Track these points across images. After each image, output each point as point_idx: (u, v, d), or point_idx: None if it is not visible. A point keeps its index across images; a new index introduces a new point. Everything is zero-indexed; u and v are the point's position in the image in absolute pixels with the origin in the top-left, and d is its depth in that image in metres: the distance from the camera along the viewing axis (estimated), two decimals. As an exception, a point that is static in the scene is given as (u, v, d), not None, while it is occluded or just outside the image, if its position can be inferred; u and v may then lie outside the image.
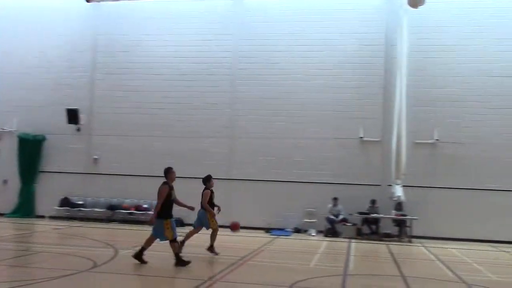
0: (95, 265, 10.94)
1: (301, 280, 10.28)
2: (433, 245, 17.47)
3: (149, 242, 11.48)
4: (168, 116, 21.81)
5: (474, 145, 19.77)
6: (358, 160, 20.51)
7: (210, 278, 10.05)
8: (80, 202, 21.88)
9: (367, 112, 20.57)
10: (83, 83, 22.71)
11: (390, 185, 19.70)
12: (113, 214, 21.46)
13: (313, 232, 19.69)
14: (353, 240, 18.32)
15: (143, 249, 11.42)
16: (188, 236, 13.21)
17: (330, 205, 19.88)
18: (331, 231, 19.50)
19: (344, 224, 19.49)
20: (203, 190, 13.33)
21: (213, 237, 13.10)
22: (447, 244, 17.79)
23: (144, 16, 22.55)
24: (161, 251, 11.99)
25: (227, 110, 21.65)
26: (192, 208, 12.24)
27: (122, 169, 21.86)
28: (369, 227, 19.60)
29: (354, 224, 19.49)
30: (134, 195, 21.67)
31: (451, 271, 12.45)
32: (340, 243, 17.49)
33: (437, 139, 19.98)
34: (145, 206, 21.27)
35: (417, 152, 20.04)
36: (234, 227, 14.89)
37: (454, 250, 16.60)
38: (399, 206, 19.46)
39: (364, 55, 20.73)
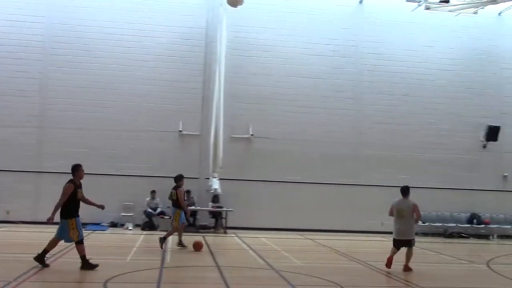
0: None
1: (117, 275, 10.01)
2: (246, 235, 18.31)
3: (52, 244, 10.65)
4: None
5: (284, 140, 21.13)
6: (177, 153, 20.63)
7: (16, 279, 9.28)
8: None
9: (187, 106, 20.79)
10: None
11: (207, 178, 20.18)
12: None
13: (130, 226, 19.34)
14: (170, 233, 18.36)
15: (45, 251, 10.57)
16: (179, 233, 14.71)
17: (148, 198, 19.71)
18: (149, 225, 19.35)
19: (162, 217, 19.47)
20: (176, 189, 14.22)
21: (179, 232, 14.67)
22: (259, 234, 18.79)
23: None
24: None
25: (37, 98, 20.16)
26: (102, 207, 11.37)
27: None
28: (186, 219, 19.80)
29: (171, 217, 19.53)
30: None
31: (262, 259, 13.17)
32: (158, 237, 17.36)
33: (252, 134, 20.95)
34: None
35: (234, 146, 20.82)
36: (198, 246, 14.25)
37: (265, 239, 17.60)
38: (215, 198, 20.03)
39: (185, 49, 20.90)
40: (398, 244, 11.87)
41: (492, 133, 21.89)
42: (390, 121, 21.80)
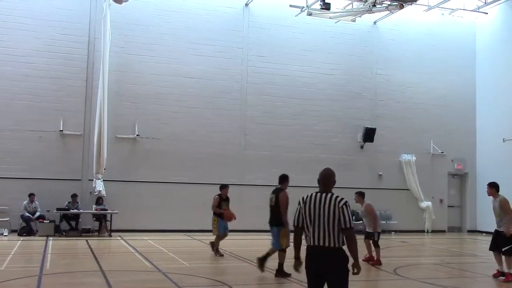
0: None
1: (-9, 285, 9.40)
2: (132, 238, 17.93)
3: (271, 253, 11.24)
4: None
5: (170, 141, 20.95)
6: (58, 154, 19.71)
7: None
8: None
9: (69, 105, 19.92)
10: None
11: (91, 180, 19.51)
12: None
13: (5, 232, 18.12)
14: (50, 238, 17.54)
15: (267, 255, 11.17)
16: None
17: (25, 202, 18.62)
18: (26, 230, 18.29)
19: (41, 222, 18.50)
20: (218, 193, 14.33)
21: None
22: (145, 236, 18.48)
23: None
24: None
25: None
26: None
27: None
28: (68, 223, 19.03)
29: (52, 221, 18.66)
30: None
31: (149, 261, 12.98)
32: (36, 242, 16.57)
33: (137, 134, 20.55)
34: None
35: (119, 146, 20.30)
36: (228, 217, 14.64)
37: (151, 241, 17.34)
38: (100, 200, 19.40)
39: (66, 45, 19.98)
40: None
41: (369, 134, 23.27)
42: (274, 122, 22.40)
